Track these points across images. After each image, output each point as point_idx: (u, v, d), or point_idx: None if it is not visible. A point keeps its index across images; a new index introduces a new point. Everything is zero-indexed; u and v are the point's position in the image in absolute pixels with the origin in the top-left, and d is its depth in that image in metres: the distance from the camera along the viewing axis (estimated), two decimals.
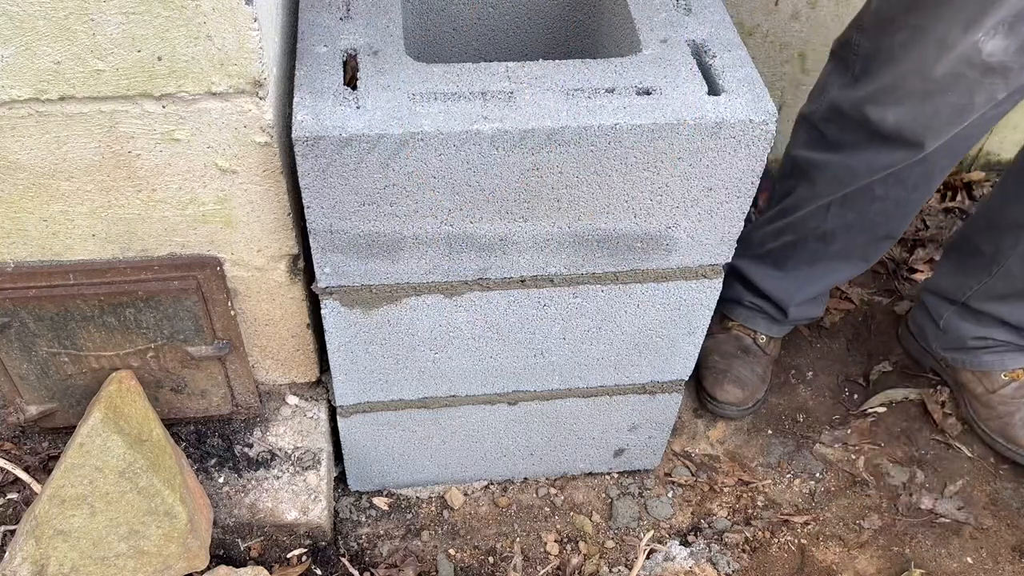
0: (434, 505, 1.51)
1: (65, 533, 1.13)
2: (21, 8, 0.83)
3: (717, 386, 1.62)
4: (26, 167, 0.98)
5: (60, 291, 1.10)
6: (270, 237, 1.11)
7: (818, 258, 1.54)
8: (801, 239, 1.52)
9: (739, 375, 1.62)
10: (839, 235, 1.48)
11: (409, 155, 0.96)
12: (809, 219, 1.48)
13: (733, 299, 1.67)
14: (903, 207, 1.44)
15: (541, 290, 1.17)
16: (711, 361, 1.65)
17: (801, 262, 1.55)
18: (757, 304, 1.64)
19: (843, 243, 1.50)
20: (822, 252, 1.52)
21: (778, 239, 1.55)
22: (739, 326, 1.67)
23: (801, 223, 1.50)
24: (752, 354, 1.65)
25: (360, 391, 1.29)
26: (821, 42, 1.82)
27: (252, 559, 1.32)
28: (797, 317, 1.64)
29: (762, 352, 1.66)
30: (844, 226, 1.46)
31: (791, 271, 1.57)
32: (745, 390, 1.62)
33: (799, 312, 1.63)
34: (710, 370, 1.64)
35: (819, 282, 1.59)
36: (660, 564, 1.46)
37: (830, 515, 1.54)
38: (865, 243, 1.51)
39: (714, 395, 1.63)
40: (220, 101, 0.94)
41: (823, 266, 1.55)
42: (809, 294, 1.60)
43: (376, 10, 1.09)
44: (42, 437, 1.31)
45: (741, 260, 1.61)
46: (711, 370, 1.64)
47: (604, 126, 0.97)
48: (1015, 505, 1.56)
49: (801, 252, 1.54)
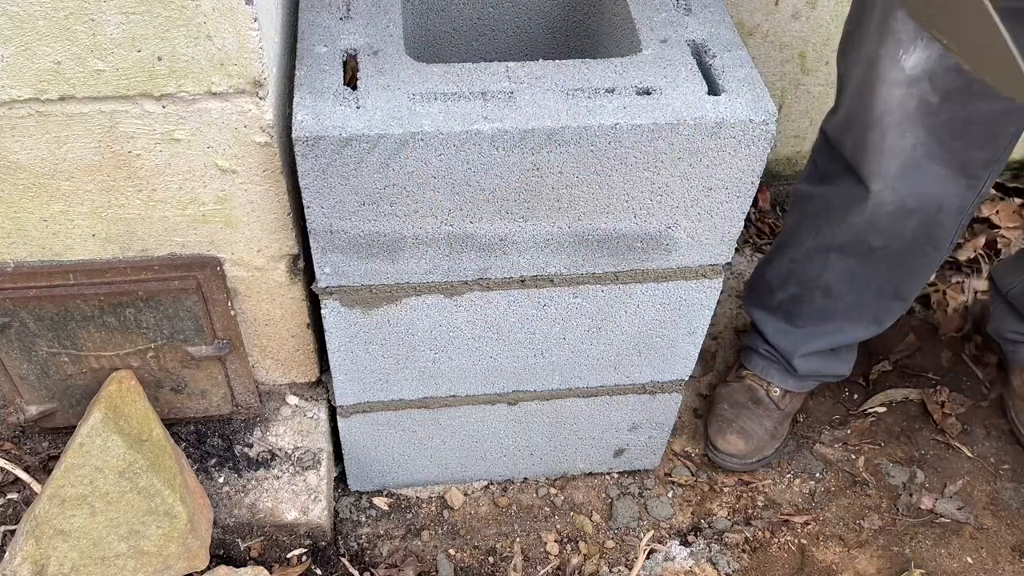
0: (434, 505, 1.51)
1: (65, 533, 1.13)
2: (21, 8, 0.83)
3: (720, 435, 1.55)
4: (26, 167, 0.98)
5: (60, 291, 1.10)
6: (270, 237, 1.11)
7: (828, 316, 1.47)
8: (807, 291, 1.45)
9: (745, 427, 1.54)
10: (844, 290, 1.42)
11: (409, 155, 0.96)
12: (809, 265, 1.43)
13: (750, 347, 1.61)
14: (906, 262, 1.37)
15: (541, 290, 1.17)
16: (720, 409, 1.58)
17: (811, 318, 1.48)
18: (771, 354, 1.57)
19: (850, 300, 1.43)
20: (831, 309, 1.46)
21: (785, 289, 1.49)
22: (753, 376, 1.59)
23: (802, 269, 1.44)
24: (763, 406, 1.56)
25: (360, 391, 1.29)
26: (821, 42, 1.82)
27: (252, 559, 1.32)
28: (809, 371, 1.55)
29: (775, 406, 1.57)
30: (847, 276, 1.40)
31: (801, 327, 1.51)
32: (749, 443, 1.54)
33: (808, 365, 1.54)
34: (716, 418, 1.57)
35: (827, 339, 1.51)
36: (660, 564, 1.46)
37: (830, 515, 1.54)
38: (874, 301, 1.44)
39: (715, 444, 1.55)
40: (220, 101, 0.94)
41: (834, 325, 1.48)
42: (816, 348, 1.51)
43: (376, 10, 1.09)
44: (42, 437, 1.31)
45: (754, 310, 1.57)
46: (717, 418, 1.57)
47: (604, 126, 0.97)
48: (1015, 505, 1.56)
49: (809, 307, 1.47)
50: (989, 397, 1.72)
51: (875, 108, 1.19)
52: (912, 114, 1.17)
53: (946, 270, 1.93)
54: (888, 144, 1.21)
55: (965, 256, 1.94)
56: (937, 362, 1.78)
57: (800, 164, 2.07)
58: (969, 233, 1.98)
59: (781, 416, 1.58)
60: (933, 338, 1.82)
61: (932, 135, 1.19)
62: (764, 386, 1.58)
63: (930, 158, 1.21)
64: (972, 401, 1.71)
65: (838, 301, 1.44)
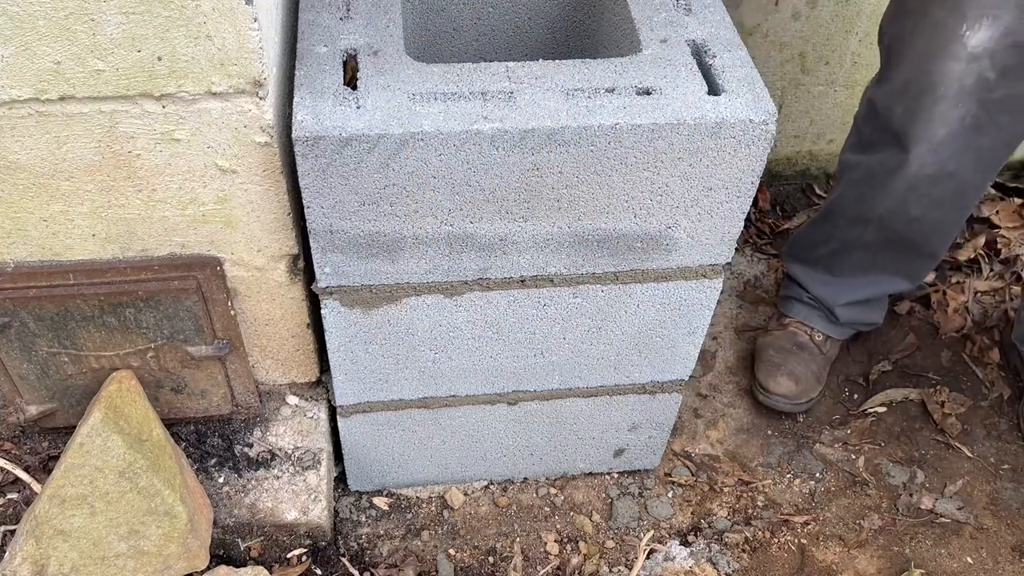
0: (434, 505, 1.51)
1: (65, 533, 1.13)
2: (21, 8, 0.83)
3: (771, 378, 1.62)
4: (26, 167, 0.98)
5: (60, 291, 1.10)
6: (270, 237, 1.11)
7: (866, 268, 1.56)
8: (846, 247, 1.54)
9: (793, 370, 1.62)
10: (881, 248, 1.51)
11: (409, 155, 0.96)
12: (850, 229, 1.50)
13: (792, 296, 1.69)
14: (941, 226, 1.45)
15: (541, 290, 1.17)
16: (767, 355, 1.66)
17: (850, 269, 1.58)
18: (814, 301, 1.65)
19: (887, 257, 1.52)
20: (869, 263, 1.55)
21: (826, 245, 1.57)
22: (797, 323, 1.67)
23: (843, 232, 1.52)
24: (808, 351, 1.65)
25: (360, 391, 1.29)
26: (821, 42, 1.82)
27: (252, 559, 1.32)
28: (848, 319, 1.65)
29: (818, 350, 1.66)
30: (884, 240, 1.49)
31: (840, 277, 1.59)
32: (799, 385, 1.62)
33: (848, 314, 1.64)
34: (765, 363, 1.65)
35: (866, 289, 1.61)
36: (660, 564, 1.46)
37: (830, 515, 1.54)
38: (909, 260, 1.53)
39: (767, 386, 1.63)
40: (220, 101, 0.94)
41: (872, 276, 1.58)
42: (855, 298, 1.61)
43: (376, 10, 1.09)
44: (42, 437, 1.31)
45: (795, 264, 1.65)
46: (766, 363, 1.65)
47: (604, 126, 0.97)
48: (1015, 505, 1.56)
49: (847, 260, 1.56)
50: (989, 397, 1.72)
51: (931, 77, 1.24)
52: (968, 89, 1.22)
53: (946, 270, 1.93)
54: (939, 112, 1.26)
55: (965, 256, 1.94)
56: (937, 362, 1.78)
57: (800, 164, 2.07)
58: (969, 233, 1.98)
59: (824, 360, 1.67)
60: (933, 338, 1.82)
61: (984, 109, 1.24)
62: (808, 332, 1.66)
63: (977, 130, 1.27)
64: (972, 401, 1.71)
65: (876, 256, 1.53)
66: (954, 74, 1.22)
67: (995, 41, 1.17)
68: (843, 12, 1.76)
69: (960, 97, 1.24)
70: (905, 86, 1.30)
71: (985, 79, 1.21)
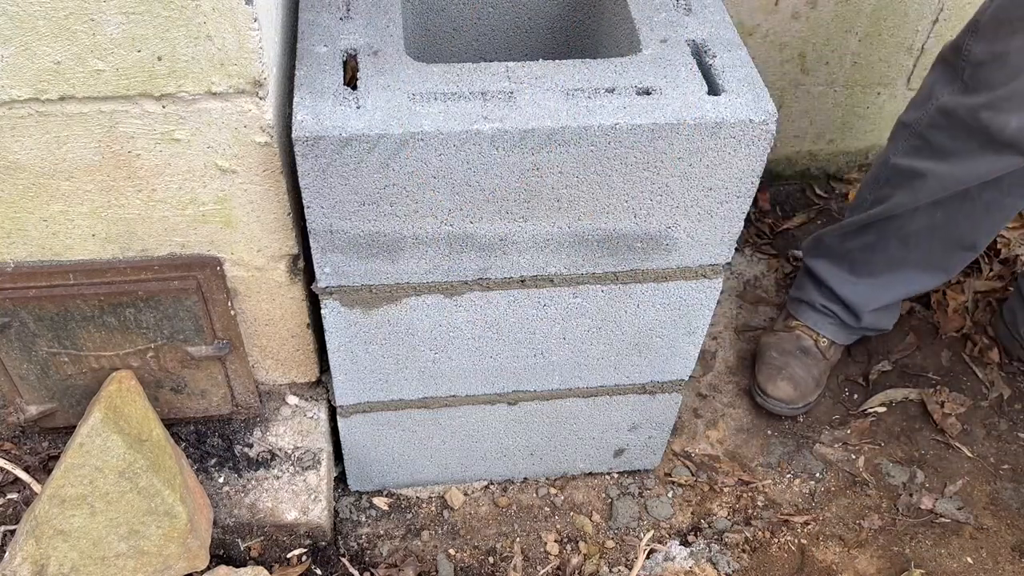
0: (434, 505, 1.51)
1: (65, 533, 1.13)
2: (21, 8, 0.83)
3: (770, 382, 1.62)
4: (26, 167, 0.98)
5: (60, 291, 1.10)
6: (270, 237, 1.11)
7: (898, 264, 1.54)
8: (882, 240, 1.52)
9: (794, 374, 1.62)
10: (923, 238, 1.49)
11: (409, 155, 0.96)
12: (895, 219, 1.49)
13: (804, 300, 1.67)
14: (992, 212, 1.44)
15: (541, 290, 1.17)
16: (768, 357, 1.66)
17: (880, 267, 1.56)
18: (829, 309, 1.64)
19: (925, 249, 1.51)
20: (902, 258, 1.53)
21: (860, 238, 1.55)
22: (803, 327, 1.67)
23: (887, 223, 1.50)
24: (811, 356, 1.65)
25: (360, 391, 1.29)
26: (821, 42, 1.82)
27: (252, 559, 1.32)
28: (870, 324, 1.64)
29: (821, 356, 1.65)
30: (929, 228, 1.47)
31: (868, 277, 1.58)
32: (798, 389, 1.62)
33: (873, 319, 1.63)
34: (766, 365, 1.65)
35: (896, 289, 1.59)
36: (660, 564, 1.46)
37: (830, 515, 1.54)
38: (947, 251, 1.52)
39: (766, 390, 1.63)
40: (220, 101, 0.94)
41: (902, 274, 1.56)
42: (885, 300, 1.60)
43: (376, 10, 1.09)
44: (42, 437, 1.31)
45: (817, 261, 1.63)
46: (767, 365, 1.65)
47: (604, 126, 0.97)
48: (1015, 505, 1.56)
49: (881, 255, 1.54)
50: (989, 397, 1.72)
51: None
52: None
53: None
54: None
55: None
56: (937, 362, 1.78)
57: (800, 164, 2.07)
58: None
59: (826, 366, 1.66)
60: (933, 338, 1.82)
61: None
62: (814, 336, 1.66)
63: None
64: (972, 401, 1.71)
65: (912, 251, 1.51)
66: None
67: None
68: (843, 12, 1.76)
69: None
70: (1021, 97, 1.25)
71: None
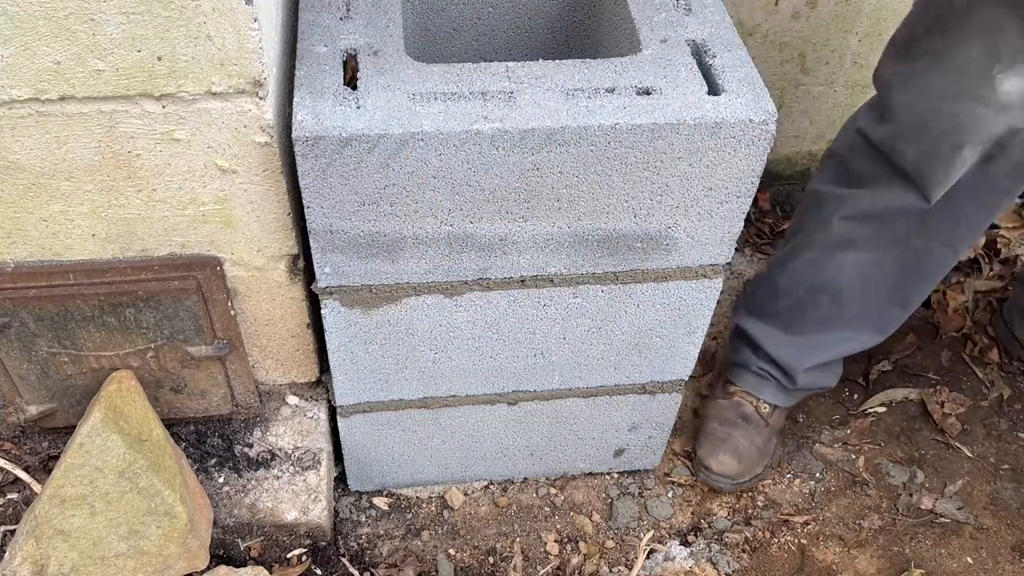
0: (434, 505, 1.51)
1: (65, 533, 1.13)
2: (21, 8, 0.83)
3: (712, 456, 1.51)
4: (26, 167, 0.98)
5: (60, 291, 1.10)
6: (270, 237, 1.11)
7: (831, 323, 1.45)
8: (814, 296, 1.43)
9: (737, 446, 1.51)
10: (854, 295, 1.41)
11: (409, 155, 0.96)
12: (823, 265, 1.40)
13: (740, 364, 1.57)
14: (923, 260, 1.36)
15: (541, 290, 1.17)
16: (710, 428, 1.55)
17: (812, 325, 1.47)
18: (766, 370, 1.53)
19: (857, 305, 1.42)
20: (836, 316, 1.44)
21: (792, 294, 1.46)
22: (742, 392, 1.56)
23: (815, 271, 1.42)
24: (753, 424, 1.54)
25: (360, 391, 1.29)
26: (821, 42, 1.82)
27: (252, 559, 1.32)
28: (806, 385, 1.54)
29: (764, 422, 1.55)
30: (860, 280, 1.39)
31: (801, 335, 1.48)
32: (741, 463, 1.51)
33: (808, 379, 1.52)
34: (708, 437, 1.54)
35: (830, 350, 1.49)
36: (660, 564, 1.46)
37: (830, 515, 1.54)
38: (880, 307, 1.43)
39: (708, 465, 1.52)
40: (220, 101, 0.94)
41: (836, 334, 1.47)
42: (819, 360, 1.50)
43: (376, 10, 1.09)
44: (42, 437, 1.31)
45: (749, 320, 1.54)
46: (708, 437, 1.54)
47: (604, 126, 0.97)
48: (1015, 505, 1.56)
49: (812, 313, 1.45)
50: (989, 397, 1.72)
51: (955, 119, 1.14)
52: (995, 139, 1.15)
53: None
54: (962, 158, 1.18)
55: (965, 256, 1.94)
56: (937, 362, 1.78)
57: (800, 164, 2.07)
58: None
59: (770, 432, 1.56)
60: (933, 338, 1.82)
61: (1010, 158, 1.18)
62: (754, 402, 1.55)
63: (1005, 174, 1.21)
64: (972, 401, 1.71)
65: (845, 307, 1.43)
66: (980, 121, 1.12)
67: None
68: (843, 12, 1.76)
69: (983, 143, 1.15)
70: (920, 128, 1.20)
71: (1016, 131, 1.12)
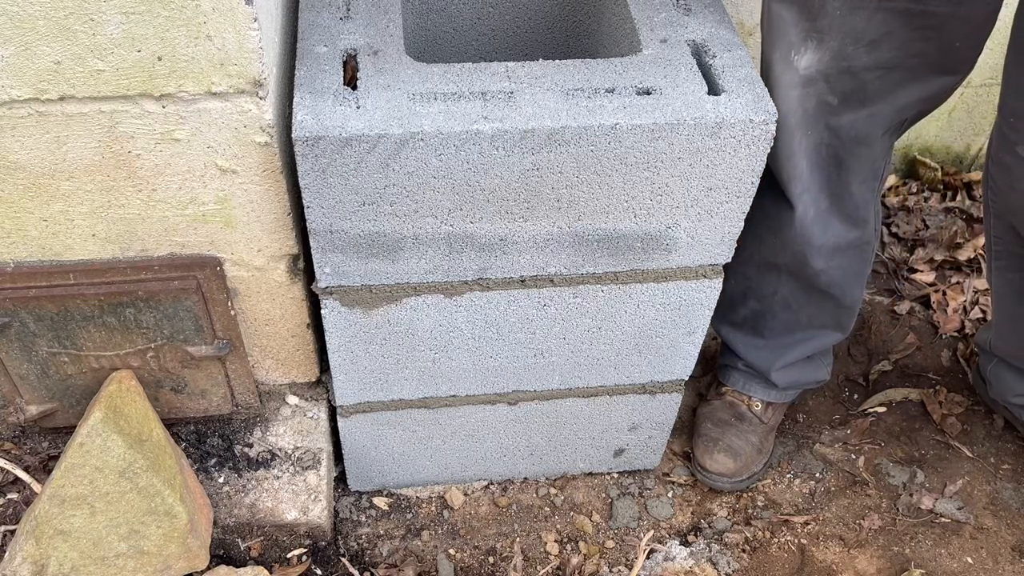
0: (434, 505, 1.51)
1: (65, 533, 1.13)
2: (21, 8, 0.83)
3: (707, 456, 1.51)
4: (26, 167, 0.98)
5: (60, 291, 1.10)
6: (270, 237, 1.11)
7: (790, 327, 1.46)
8: (768, 307, 1.44)
9: (732, 444, 1.51)
10: (802, 303, 1.41)
11: (409, 155, 0.96)
12: (764, 283, 1.41)
13: (727, 364, 1.58)
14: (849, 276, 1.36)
15: (541, 290, 1.17)
16: (704, 429, 1.55)
17: (774, 331, 1.47)
18: (749, 368, 1.54)
19: (810, 311, 1.42)
20: (794, 321, 1.44)
21: (746, 305, 1.47)
22: (733, 392, 1.56)
23: (758, 286, 1.42)
24: (747, 422, 1.54)
25: (360, 391, 1.29)
26: None
27: (252, 559, 1.32)
28: (788, 383, 1.53)
29: (758, 420, 1.54)
30: (803, 292, 1.39)
31: (766, 339, 1.48)
32: (738, 461, 1.51)
33: (786, 377, 1.52)
34: (702, 438, 1.54)
35: (798, 349, 1.48)
36: (660, 564, 1.46)
37: (830, 515, 1.54)
38: (830, 309, 1.42)
39: (704, 465, 1.52)
40: (220, 101, 0.94)
41: (799, 335, 1.47)
42: (789, 360, 1.49)
43: (376, 10, 1.09)
44: (42, 437, 1.31)
45: (721, 326, 1.54)
46: (703, 438, 1.54)
47: (604, 126, 0.97)
48: (1015, 505, 1.56)
49: (773, 320, 1.46)
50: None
51: (780, 107, 1.15)
52: (812, 113, 1.16)
53: (946, 270, 1.93)
54: (796, 145, 1.19)
55: (965, 256, 1.94)
56: (937, 362, 1.78)
57: None
58: (969, 233, 1.98)
59: (766, 430, 1.56)
60: (933, 338, 1.82)
61: (835, 136, 1.18)
62: (745, 401, 1.55)
63: (838, 162, 1.21)
64: (972, 401, 1.71)
65: (799, 313, 1.43)
66: (794, 99, 1.14)
67: (825, 64, 1.11)
68: None
69: (808, 124, 1.17)
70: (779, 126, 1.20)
71: (826, 103, 1.14)
